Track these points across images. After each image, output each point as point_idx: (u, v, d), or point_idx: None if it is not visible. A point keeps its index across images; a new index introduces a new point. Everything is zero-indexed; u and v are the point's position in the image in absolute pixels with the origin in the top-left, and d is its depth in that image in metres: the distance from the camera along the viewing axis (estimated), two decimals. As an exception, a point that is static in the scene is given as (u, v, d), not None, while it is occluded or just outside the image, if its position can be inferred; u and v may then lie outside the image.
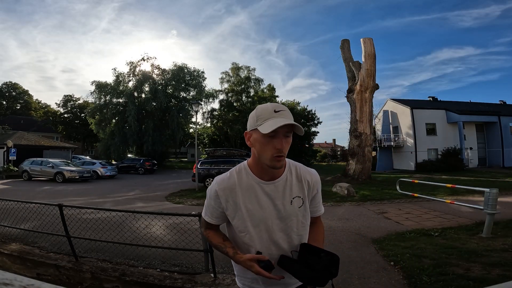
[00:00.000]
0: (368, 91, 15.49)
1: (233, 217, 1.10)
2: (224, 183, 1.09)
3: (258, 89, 32.90)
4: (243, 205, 1.07)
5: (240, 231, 1.10)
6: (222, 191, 1.08)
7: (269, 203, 1.08)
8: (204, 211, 1.17)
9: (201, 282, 2.94)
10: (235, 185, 1.08)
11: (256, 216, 1.08)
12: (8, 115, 43.46)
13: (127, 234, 3.74)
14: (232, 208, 1.08)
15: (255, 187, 1.08)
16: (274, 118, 0.99)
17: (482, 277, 2.89)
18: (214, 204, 1.11)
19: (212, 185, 1.12)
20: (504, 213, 5.69)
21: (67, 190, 11.96)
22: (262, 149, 1.02)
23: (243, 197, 1.07)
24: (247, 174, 1.09)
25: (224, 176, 1.11)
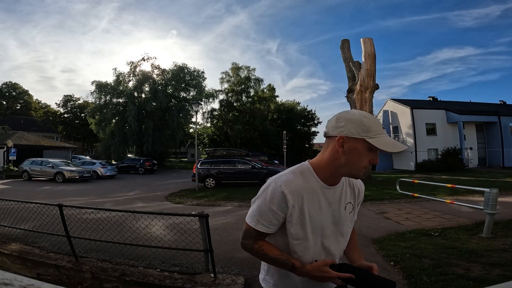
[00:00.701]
0: (368, 91, 15.50)
1: (294, 223, 1.01)
2: (292, 185, 0.99)
3: (258, 89, 32.88)
4: (307, 211, 1.01)
5: (297, 238, 1.03)
6: (290, 194, 0.98)
7: (328, 208, 1.05)
8: (255, 218, 1.02)
9: (201, 282, 2.94)
10: (302, 188, 1.00)
11: (316, 222, 1.03)
12: (8, 115, 43.46)
13: (127, 234, 3.74)
14: (297, 213, 1.00)
15: (318, 192, 1.02)
16: (385, 135, 0.96)
17: (482, 277, 2.89)
18: (277, 209, 0.99)
19: (275, 186, 1.00)
20: (504, 213, 5.69)
21: (67, 190, 11.96)
22: (358, 160, 0.96)
23: (308, 202, 1.01)
24: (312, 177, 1.03)
25: (289, 177, 1.01)
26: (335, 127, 0.98)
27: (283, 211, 0.99)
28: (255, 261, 3.77)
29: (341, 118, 0.98)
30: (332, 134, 0.99)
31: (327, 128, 1.02)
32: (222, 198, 9.54)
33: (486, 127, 26.28)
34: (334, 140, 0.98)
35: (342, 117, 0.98)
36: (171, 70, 29.66)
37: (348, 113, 0.99)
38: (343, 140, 0.95)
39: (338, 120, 0.98)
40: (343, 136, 0.95)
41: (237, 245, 4.42)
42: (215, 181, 12.72)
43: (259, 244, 1.05)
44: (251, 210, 1.05)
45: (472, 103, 30.54)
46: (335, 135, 0.97)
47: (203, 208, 7.69)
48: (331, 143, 0.99)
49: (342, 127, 0.96)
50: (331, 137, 0.99)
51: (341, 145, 0.96)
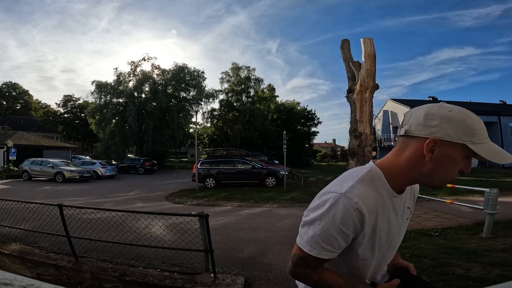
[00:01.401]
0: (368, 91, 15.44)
1: (364, 243, 0.83)
2: (369, 200, 0.79)
3: (258, 89, 32.85)
4: (379, 229, 0.83)
5: (362, 258, 0.86)
6: (369, 213, 0.78)
7: (395, 219, 0.88)
8: (319, 245, 0.80)
9: (201, 282, 2.94)
10: (377, 202, 0.81)
11: (384, 239, 0.86)
12: (8, 115, 43.47)
13: (127, 234, 3.74)
14: (369, 233, 0.81)
15: (387, 203, 0.84)
16: (489, 141, 0.76)
17: (482, 277, 2.89)
18: (349, 231, 0.79)
19: (347, 203, 0.77)
20: (504, 213, 5.69)
21: (67, 190, 11.96)
22: (449, 169, 0.77)
23: (380, 218, 0.82)
24: (383, 185, 0.83)
25: (362, 189, 0.80)
26: (423, 125, 0.76)
27: (355, 233, 0.80)
28: (255, 261, 3.78)
29: (434, 114, 0.75)
30: (417, 134, 0.77)
31: (408, 124, 0.79)
32: (222, 198, 9.54)
33: (486, 127, 26.06)
34: (418, 142, 0.77)
35: (435, 114, 0.75)
36: (171, 70, 29.67)
37: (443, 108, 0.76)
38: (435, 144, 0.74)
39: (428, 117, 0.75)
40: (436, 139, 0.74)
41: (237, 245, 4.44)
42: (215, 181, 12.72)
43: (319, 274, 0.86)
44: (309, 234, 0.82)
45: (472, 103, 30.55)
46: (423, 136, 0.76)
47: (203, 208, 7.69)
48: (413, 144, 0.78)
49: (435, 127, 0.74)
50: (414, 137, 0.78)
51: (431, 150, 0.75)
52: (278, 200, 9.06)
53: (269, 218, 6.61)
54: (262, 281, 3.18)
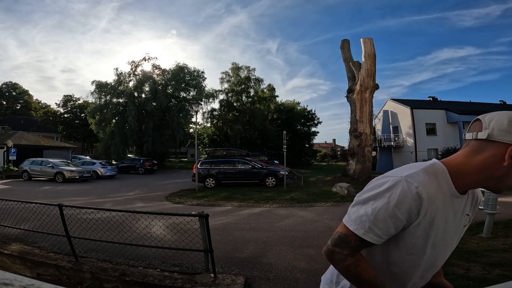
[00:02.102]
0: (368, 91, 15.50)
1: (418, 235, 0.81)
2: (430, 188, 0.78)
3: (258, 89, 32.85)
4: (436, 223, 0.81)
5: (411, 253, 0.84)
6: (428, 200, 0.77)
7: (453, 221, 0.86)
8: (366, 225, 0.79)
9: (201, 282, 2.94)
10: (437, 194, 0.80)
11: (439, 238, 0.84)
12: (8, 115, 43.46)
13: (127, 234, 3.74)
14: (425, 224, 0.80)
15: (448, 201, 0.82)
16: None
17: (482, 277, 2.89)
18: (403, 216, 0.77)
19: (407, 187, 0.77)
20: (504, 213, 5.70)
21: (67, 190, 11.96)
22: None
23: (439, 213, 0.81)
24: (446, 182, 0.82)
25: (424, 178, 0.79)
26: (507, 131, 0.74)
27: (409, 219, 0.78)
28: (255, 261, 3.78)
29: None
30: (499, 139, 0.75)
31: (490, 129, 0.77)
32: (222, 198, 9.54)
33: (486, 127, 26.25)
34: (499, 147, 0.76)
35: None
36: (171, 70, 29.67)
37: None
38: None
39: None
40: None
41: (237, 245, 4.44)
42: (215, 181, 12.72)
43: (357, 259, 0.83)
44: (360, 213, 0.81)
45: (472, 103, 30.55)
46: (505, 142, 0.74)
47: (203, 208, 7.70)
48: (493, 148, 0.77)
49: None
50: (495, 141, 0.76)
51: (511, 156, 0.75)
52: (278, 200, 9.06)
53: (269, 218, 6.61)
54: (262, 281, 3.18)
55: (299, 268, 3.53)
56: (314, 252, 4.08)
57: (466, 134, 0.85)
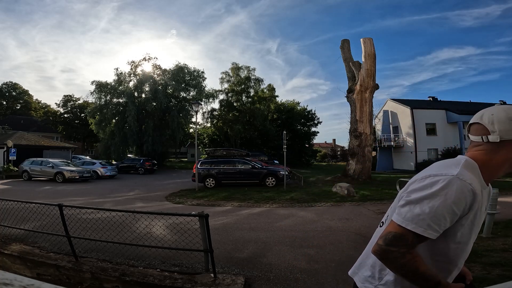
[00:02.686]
0: (368, 91, 15.49)
1: (466, 226, 0.89)
2: (477, 183, 0.87)
3: (258, 89, 32.85)
4: (478, 212, 0.90)
5: (458, 242, 0.91)
6: (480, 194, 0.87)
7: (484, 210, 0.97)
8: (426, 223, 0.84)
9: (201, 282, 2.94)
10: (479, 187, 0.89)
11: (479, 225, 0.94)
12: (8, 115, 43.48)
13: (127, 234, 3.74)
14: (472, 215, 0.89)
15: (483, 192, 0.91)
16: None
17: (482, 277, 2.89)
18: (459, 210, 0.84)
19: (462, 184, 0.84)
20: (504, 213, 5.69)
21: (67, 190, 11.96)
22: None
23: (480, 203, 0.89)
24: (479, 177, 0.91)
25: (471, 175, 0.87)
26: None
27: (463, 213, 0.86)
28: (255, 261, 3.78)
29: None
30: (511, 137, 0.87)
31: (497, 131, 0.88)
32: (222, 198, 9.54)
33: (486, 127, 26.25)
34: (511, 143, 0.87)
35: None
36: (171, 70, 29.67)
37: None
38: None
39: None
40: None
41: (237, 245, 4.44)
42: (215, 181, 12.72)
43: (413, 255, 0.86)
44: (415, 212, 0.85)
45: (472, 103, 30.55)
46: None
47: (203, 208, 7.70)
48: (508, 146, 0.88)
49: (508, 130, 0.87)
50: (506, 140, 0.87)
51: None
52: (278, 200, 9.06)
53: (269, 218, 6.61)
54: (262, 281, 3.18)
55: (299, 268, 3.53)
56: (314, 252, 4.08)
57: (472, 137, 0.96)
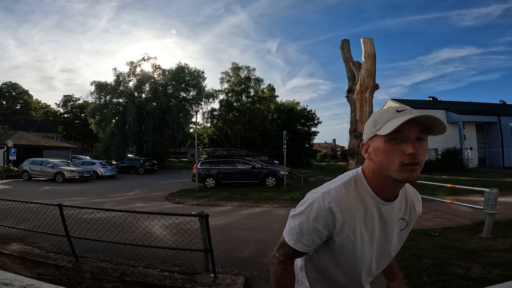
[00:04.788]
0: (368, 91, 15.46)
1: (341, 242, 0.87)
2: (345, 201, 0.84)
3: (258, 89, 32.84)
4: (359, 232, 0.86)
5: (344, 258, 0.91)
6: (341, 213, 0.83)
7: (382, 228, 0.90)
8: (296, 237, 0.90)
9: (201, 282, 2.94)
10: (355, 204, 0.85)
11: (366, 245, 0.89)
12: (8, 115, 43.45)
13: (127, 234, 3.73)
14: (346, 234, 0.86)
15: (372, 209, 0.87)
16: (397, 117, 0.78)
17: (482, 277, 2.89)
18: (322, 228, 0.85)
19: (322, 203, 0.85)
20: (504, 213, 5.69)
21: (67, 190, 11.96)
22: (386, 158, 0.79)
23: (360, 220, 0.86)
24: (366, 191, 0.87)
25: (340, 191, 0.86)
26: (365, 133, 0.91)
27: (328, 230, 0.86)
28: (255, 261, 3.78)
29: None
30: (366, 140, 0.91)
31: (365, 133, 0.93)
32: (222, 198, 9.54)
33: (486, 127, 26.28)
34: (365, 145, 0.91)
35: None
36: (172, 70, 29.68)
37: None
38: (366, 146, 0.88)
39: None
40: (363, 142, 0.90)
41: (237, 245, 4.44)
42: (215, 181, 12.72)
43: (286, 267, 0.95)
44: (291, 226, 0.92)
45: (472, 103, 30.56)
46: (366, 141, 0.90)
47: (203, 208, 7.70)
48: (371, 153, 0.89)
49: (364, 134, 0.91)
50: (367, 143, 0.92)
51: (366, 151, 0.88)
52: (278, 200, 9.06)
53: (269, 218, 6.61)
54: (262, 281, 3.18)
55: (299, 268, 3.53)
56: (314, 252, 4.07)
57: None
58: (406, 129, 0.76)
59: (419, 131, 0.78)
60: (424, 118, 0.76)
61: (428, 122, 0.78)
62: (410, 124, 0.76)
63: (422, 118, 0.76)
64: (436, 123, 0.77)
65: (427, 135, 0.80)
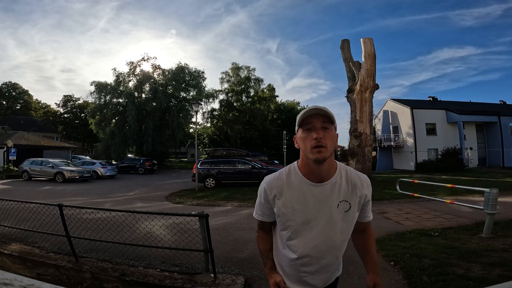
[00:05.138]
0: (368, 91, 15.49)
1: (279, 214, 1.14)
2: (273, 182, 1.14)
3: (258, 89, 32.87)
4: (290, 204, 1.10)
5: (283, 228, 1.16)
6: (270, 190, 1.13)
7: (316, 205, 1.09)
8: (255, 210, 1.24)
9: (201, 282, 2.94)
10: (284, 184, 1.11)
11: (301, 217, 1.10)
12: (8, 115, 43.46)
13: (127, 234, 3.74)
14: (279, 206, 1.12)
15: (303, 189, 1.09)
16: (306, 114, 1.07)
17: (482, 277, 2.89)
18: (263, 202, 1.17)
19: (262, 184, 1.18)
20: (504, 213, 5.69)
21: (67, 190, 11.96)
22: (303, 144, 1.06)
23: (291, 197, 1.10)
24: (296, 175, 1.12)
25: (273, 176, 1.16)
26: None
27: (268, 203, 1.16)
28: (255, 261, 3.78)
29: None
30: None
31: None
32: (222, 198, 9.54)
33: (486, 127, 26.27)
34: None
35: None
36: (172, 70, 29.68)
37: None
38: (296, 138, 1.14)
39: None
40: (295, 135, 1.14)
41: (237, 245, 4.43)
42: (215, 181, 12.72)
43: (259, 234, 1.28)
44: (256, 203, 1.25)
45: (472, 103, 30.55)
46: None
47: (203, 208, 7.69)
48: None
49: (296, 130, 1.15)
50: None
51: (296, 142, 1.13)
52: (278, 200, 9.05)
53: (269, 218, 6.60)
54: (262, 281, 3.18)
55: (299, 268, 3.53)
56: (314, 252, 4.07)
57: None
58: (313, 120, 1.04)
59: (322, 122, 1.04)
60: (320, 111, 1.04)
61: (326, 114, 1.04)
62: (315, 117, 1.04)
63: (318, 111, 1.04)
64: (330, 114, 1.04)
65: (331, 124, 1.05)
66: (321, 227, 1.11)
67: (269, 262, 1.22)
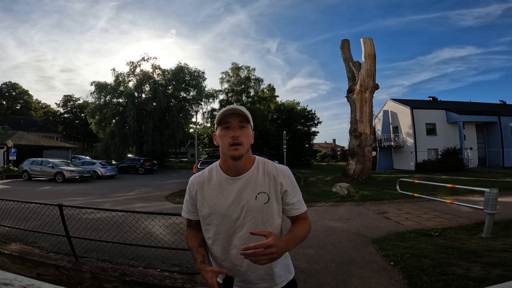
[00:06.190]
0: (368, 91, 15.48)
1: (201, 209, 1.17)
2: (195, 179, 1.21)
3: (258, 89, 32.85)
4: (209, 199, 1.15)
5: (206, 223, 1.17)
6: (192, 186, 1.20)
7: (235, 198, 1.12)
8: (183, 208, 1.27)
9: (201, 282, 2.94)
10: (205, 180, 1.18)
11: (221, 210, 1.13)
12: (8, 115, 43.45)
13: (127, 234, 3.73)
14: (200, 201, 1.17)
15: (222, 183, 1.15)
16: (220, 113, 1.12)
17: (482, 277, 2.89)
18: (188, 198, 1.22)
19: (188, 181, 1.25)
20: (504, 213, 5.69)
21: (67, 190, 11.96)
22: (221, 141, 1.11)
23: (210, 191, 1.15)
24: (217, 171, 1.18)
25: (197, 173, 1.24)
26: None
27: (192, 200, 1.21)
28: (255, 261, 3.77)
29: None
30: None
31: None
32: (222, 198, 9.52)
33: (486, 127, 26.27)
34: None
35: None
36: (172, 70, 29.65)
37: None
38: (214, 135, 1.17)
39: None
40: (214, 133, 1.18)
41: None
42: (215, 181, 12.70)
43: (188, 231, 1.27)
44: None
45: (472, 103, 30.55)
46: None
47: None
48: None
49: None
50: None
51: (215, 139, 1.16)
52: (278, 200, 9.04)
53: (269, 218, 6.60)
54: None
55: (299, 268, 3.53)
56: (314, 252, 4.08)
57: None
58: (231, 120, 1.09)
59: (239, 121, 1.09)
60: (237, 111, 1.09)
61: (242, 113, 1.09)
62: (233, 116, 1.09)
63: (235, 110, 1.09)
64: (246, 114, 1.10)
65: (247, 123, 1.11)
66: (242, 221, 1.12)
67: (199, 256, 1.13)
